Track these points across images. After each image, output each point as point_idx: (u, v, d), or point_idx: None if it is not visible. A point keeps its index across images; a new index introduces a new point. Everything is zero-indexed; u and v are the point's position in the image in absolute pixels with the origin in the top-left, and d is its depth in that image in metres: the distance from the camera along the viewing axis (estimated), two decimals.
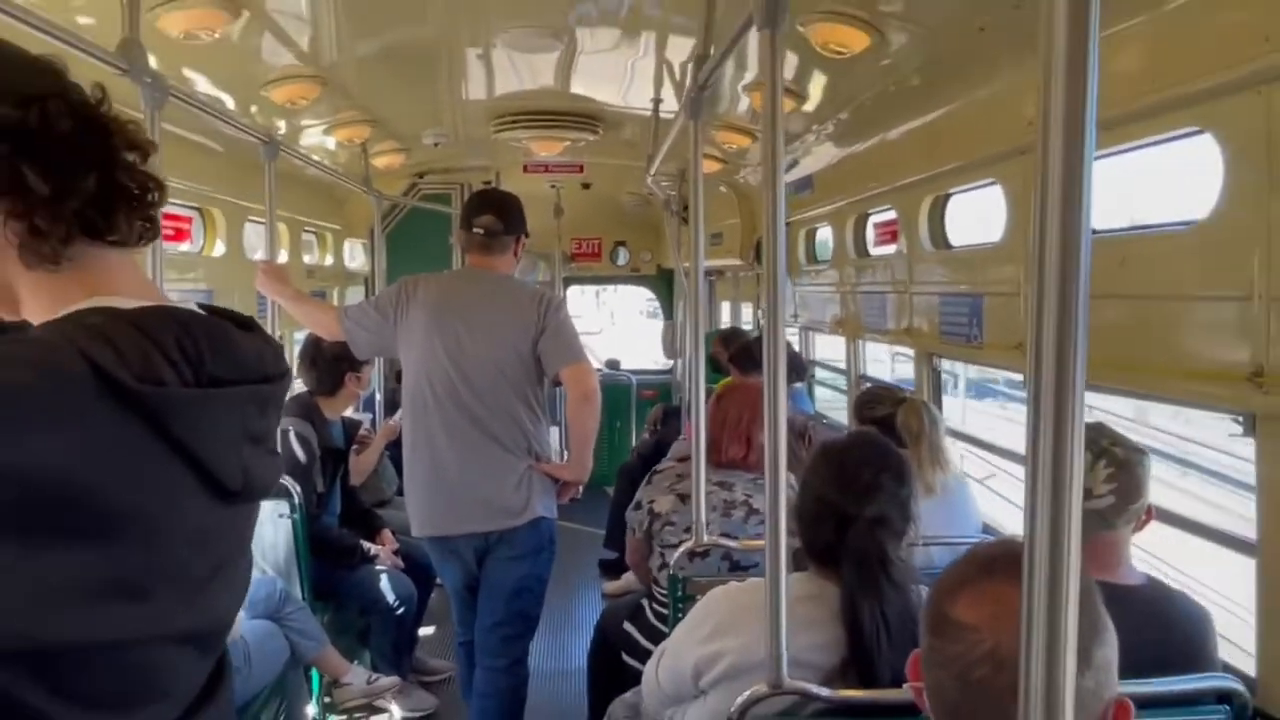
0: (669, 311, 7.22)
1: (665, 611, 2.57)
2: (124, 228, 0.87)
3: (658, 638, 2.39)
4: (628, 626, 2.79)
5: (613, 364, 7.50)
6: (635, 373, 7.12)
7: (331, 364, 3.62)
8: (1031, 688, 0.64)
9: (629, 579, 3.72)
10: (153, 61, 2.16)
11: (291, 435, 3.42)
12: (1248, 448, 1.71)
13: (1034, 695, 0.64)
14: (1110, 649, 0.88)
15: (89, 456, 0.72)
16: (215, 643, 0.93)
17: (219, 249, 3.97)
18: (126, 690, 0.81)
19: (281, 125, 3.58)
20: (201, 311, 0.87)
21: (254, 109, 3.34)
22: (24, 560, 0.70)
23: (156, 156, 2.22)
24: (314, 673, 3.38)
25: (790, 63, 2.86)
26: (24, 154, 0.80)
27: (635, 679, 2.08)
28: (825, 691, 1.50)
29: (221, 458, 0.82)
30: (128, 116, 0.91)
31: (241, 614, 2.88)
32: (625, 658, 2.71)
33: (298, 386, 3.80)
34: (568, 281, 6.83)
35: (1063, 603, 0.63)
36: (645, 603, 2.79)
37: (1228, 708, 1.53)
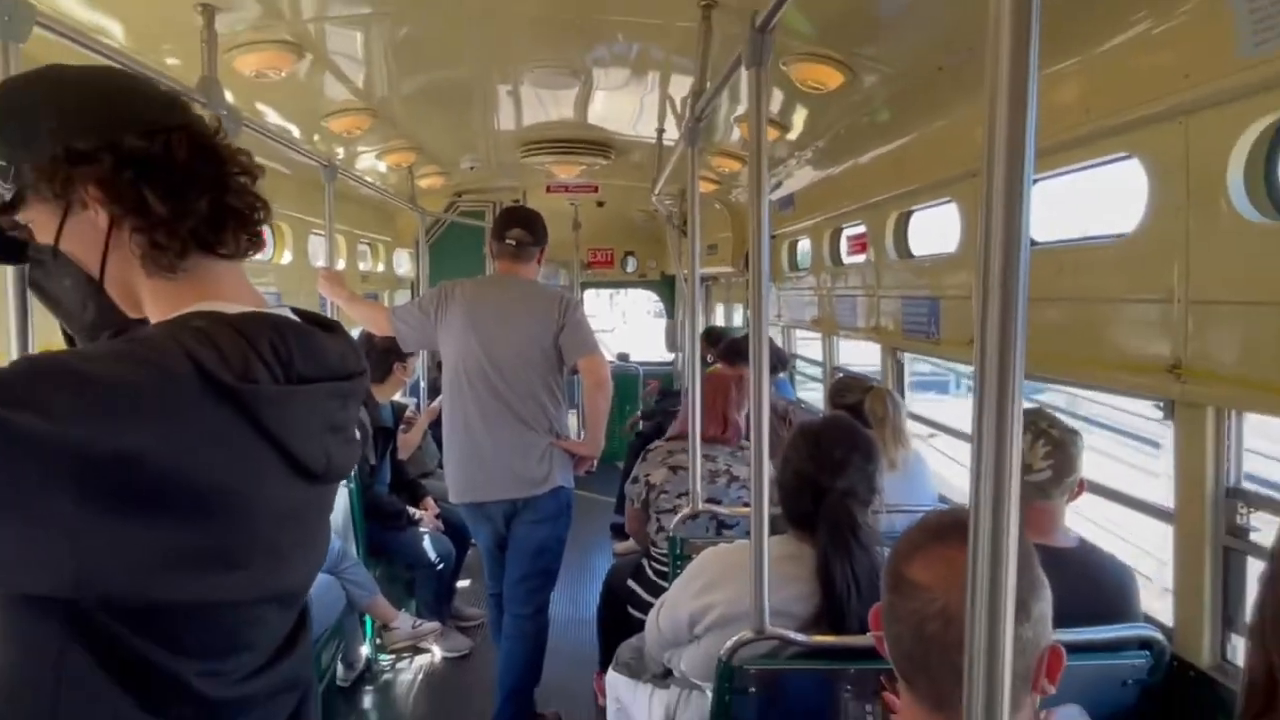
0: (671, 311, 7.21)
1: (663, 569, 2.58)
2: (232, 242, 0.87)
3: (656, 592, 2.39)
4: (631, 583, 2.79)
5: (623, 356, 7.50)
6: (642, 364, 7.11)
7: (382, 356, 3.62)
8: (976, 637, 0.64)
9: (634, 543, 3.73)
10: (229, 96, 2.17)
11: None
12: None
13: (978, 644, 0.64)
14: (1046, 603, 0.88)
15: (190, 445, 0.71)
16: (297, 601, 0.94)
17: (286, 257, 3.99)
18: (221, 642, 0.81)
19: (340, 152, 3.59)
20: (294, 317, 0.87)
21: (316, 138, 3.34)
22: (134, 532, 0.70)
23: None
24: (367, 619, 3.41)
25: (775, 98, 2.85)
26: (146, 179, 0.80)
27: (639, 626, 2.09)
28: (801, 637, 1.51)
29: (306, 446, 0.81)
30: (238, 148, 0.90)
31: None
32: (630, 609, 2.72)
33: None
34: (584, 286, 6.82)
35: (1003, 563, 0.63)
36: (645, 562, 2.80)
37: (1149, 653, 1.53)
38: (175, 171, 0.81)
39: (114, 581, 0.72)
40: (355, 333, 3.83)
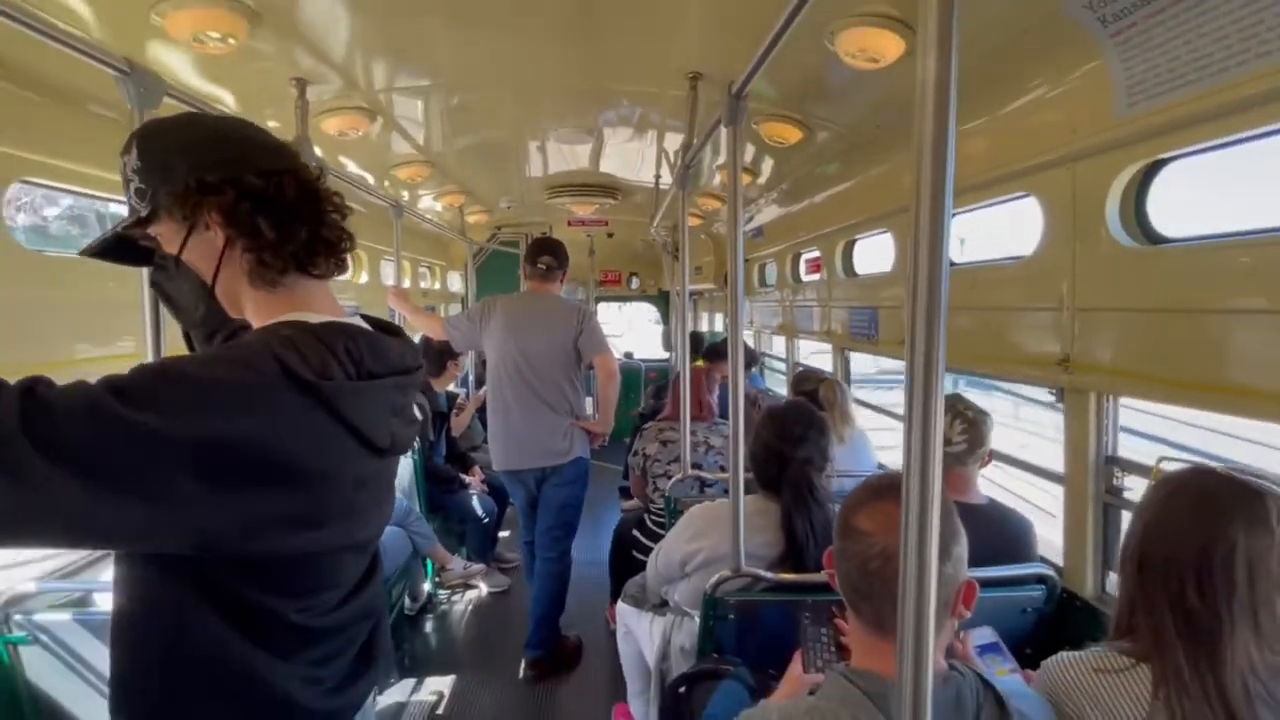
0: (666, 319, 7.20)
1: (660, 520, 2.58)
2: (323, 265, 0.87)
3: (655, 539, 2.39)
4: (635, 532, 2.79)
5: (629, 354, 7.49)
6: (644, 360, 7.10)
7: (438, 355, 3.62)
8: (907, 572, 0.64)
9: (637, 502, 3.73)
10: (318, 151, 2.16)
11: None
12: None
13: (909, 577, 0.64)
14: (963, 547, 0.88)
15: (280, 430, 0.72)
16: (370, 548, 0.95)
17: (364, 278, 3.98)
18: (312, 583, 0.83)
19: (405, 194, 3.58)
20: (365, 325, 0.88)
21: (386, 183, 3.33)
22: (241, 501, 0.71)
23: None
24: (428, 562, 3.40)
25: (747, 150, 2.83)
26: (261, 210, 0.81)
27: (642, 566, 2.08)
28: (770, 575, 1.51)
29: (375, 428, 0.82)
30: (335, 188, 0.91)
31: None
32: (634, 553, 2.72)
33: None
34: (598, 299, 6.81)
35: (929, 515, 0.63)
36: (645, 516, 2.80)
37: (1044, 587, 1.52)
38: (284, 206, 0.82)
39: (227, 540, 0.73)
40: (417, 337, 3.83)
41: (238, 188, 0.81)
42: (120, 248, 0.90)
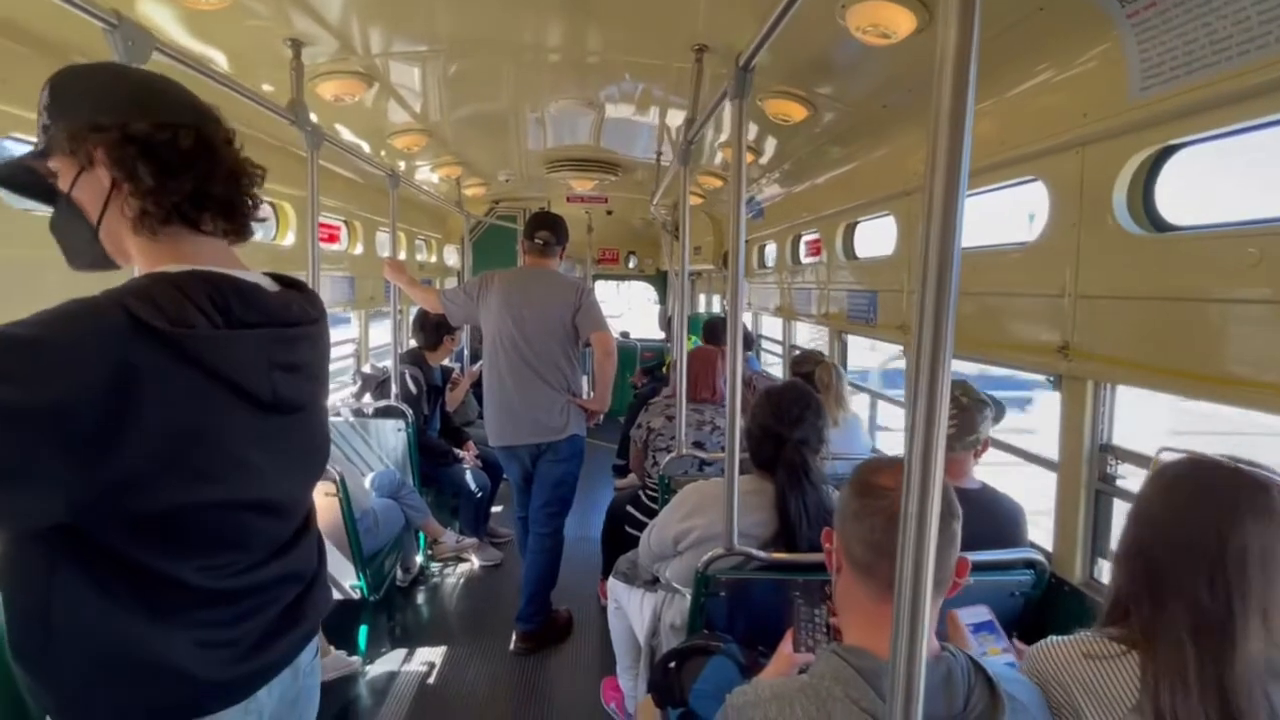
0: (663, 299, 7.17)
1: (655, 496, 2.59)
2: (211, 223, 0.86)
3: (649, 515, 2.40)
4: (629, 508, 2.80)
5: (624, 334, 7.47)
6: (640, 340, 7.09)
7: (434, 329, 3.60)
8: (905, 554, 0.64)
9: (631, 479, 3.73)
10: (313, 117, 2.11)
11: (406, 376, 3.41)
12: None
13: (907, 560, 0.64)
14: (959, 523, 0.87)
15: (133, 382, 0.70)
16: (284, 511, 0.92)
17: (358, 249, 3.92)
18: (208, 542, 0.82)
19: (401, 164, 3.52)
20: (240, 275, 0.85)
21: (382, 152, 3.27)
22: (102, 464, 0.69)
23: (314, 181, 2.17)
24: (421, 535, 3.41)
25: (750, 129, 2.79)
26: (145, 156, 0.80)
27: (634, 543, 2.09)
28: (762, 554, 1.51)
29: (251, 380, 0.81)
30: (248, 159, 0.91)
31: (373, 494, 2.90)
32: (627, 529, 2.73)
33: (412, 343, 3.79)
34: (595, 278, 6.77)
35: (929, 502, 0.63)
36: (640, 493, 2.81)
37: (1033, 571, 1.53)
38: (171, 155, 0.81)
39: (104, 504, 0.71)
40: (414, 310, 3.81)
41: (123, 130, 0.80)
42: (31, 187, 0.88)
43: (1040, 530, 1.77)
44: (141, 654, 0.78)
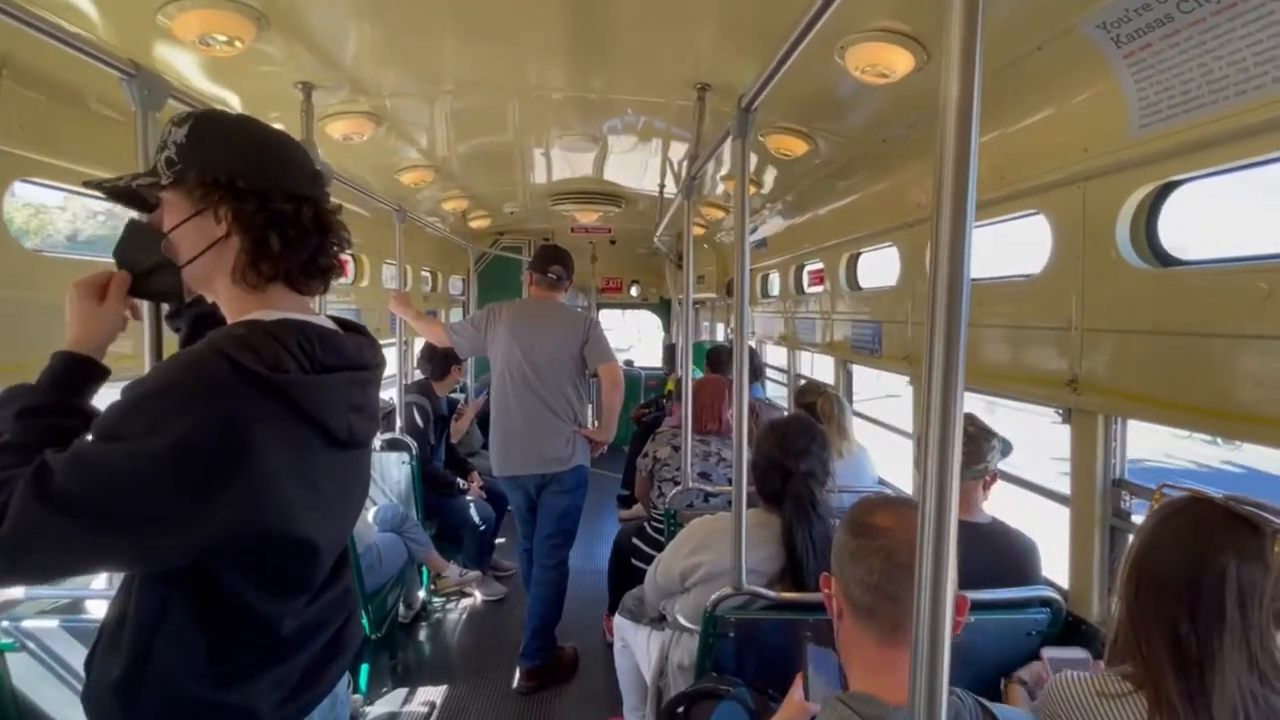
0: (666, 328, 7.20)
1: (660, 528, 2.55)
2: (308, 286, 0.93)
3: (655, 548, 2.37)
4: (635, 541, 2.76)
5: (629, 363, 7.48)
6: (643, 368, 7.09)
7: (442, 360, 3.61)
8: (922, 593, 0.63)
9: (637, 509, 3.70)
10: (322, 154, 2.15)
11: (414, 407, 3.40)
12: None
13: (924, 599, 0.63)
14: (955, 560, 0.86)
15: (237, 424, 0.75)
16: (341, 544, 0.99)
17: (365, 281, 3.96)
18: (294, 578, 0.87)
19: (408, 199, 3.57)
20: (319, 322, 0.91)
21: (390, 188, 3.33)
22: (218, 501, 0.75)
23: None
24: (424, 569, 3.37)
25: (752, 161, 2.83)
26: (273, 226, 0.87)
27: (641, 576, 2.06)
28: (771, 594, 1.48)
29: (334, 420, 0.86)
30: (341, 221, 0.96)
31: (375, 528, 2.87)
32: (634, 562, 2.69)
33: (418, 374, 3.80)
34: (599, 306, 6.80)
35: (945, 538, 0.62)
36: (646, 525, 2.77)
37: (1048, 609, 1.50)
38: (297, 230, 0.88)
39: (215, 541, 0.76)
40: (420, 343, 3.82)
41: (260, 202, 0.86)
42: (122, 195, 0.95)
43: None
44: (222, 696, 0.82)
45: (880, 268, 3.03)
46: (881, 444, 2.93)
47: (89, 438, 0.76)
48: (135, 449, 0.72)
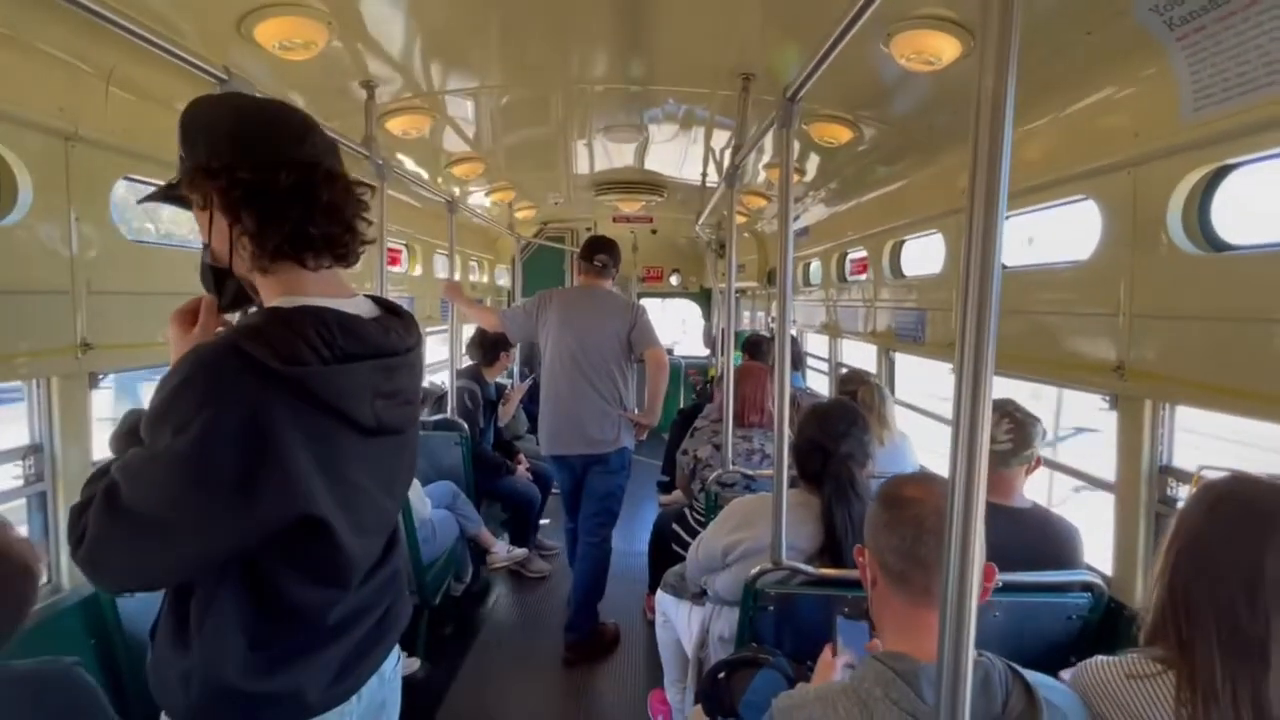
0: (706, 317, 7.21)
1: (701, 516, 2.61)
2: (314, 260, 0.88)
3: (694, 533, 2.43)
4: (675, 526, 2.83)
5: (669, 350, 7.52)
6: (684, 357, 7.14)
7: (492, 346, 3.75)
8: (950, 568, 0.67)
9: (676, 495, 3.76)
10: (381, 149, 2.27)
11: (464, 392, 3.55)
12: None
13: (952, 573, 0.67)
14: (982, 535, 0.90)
15: (257, 417, 0.75)
16: (386, 529, 0.99)
17: (418, 270, 4.12)
18: (331, 567, 0.87)
19: (457, 190, 3.70)
20: (341, 307, 0.87)
21: (440, 180, 3.45)
22: (253, 491, 0.76)
23: (384, 210, 2.29)
24: (473, 545, 3.51)
25: (795, 149, 2.83)
26: (247, 201, 0.83)
27: (680, 559, 2.13)
28: (810, 569, 1.53)
29: (357, 409, 0.84)
30: (351, 185, 0.91)
31: (430, 505, 3.03)
32: (674, 547, 2.76)
33: (467, 360, 3.95)
34: (640, 295, 6.86)
35: (973, 519, 0.66)
36: (687, 511, 2.84)
37: (1090, 594, 1.50)
38: (268, 201, 0.83)
39: (248, 535, 0.78)
40: (470, 329, 3.96)
41: (229, 176, 0.81)
42: (173, 200, 0.93)
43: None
44: (266, 684, 0.84)
45: (923, 255, 3.00)
46: (923, 433, 2.92)
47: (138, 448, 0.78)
48: (168, 455, 0.74)
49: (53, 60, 1.50)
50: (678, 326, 8.19)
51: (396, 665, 1.07)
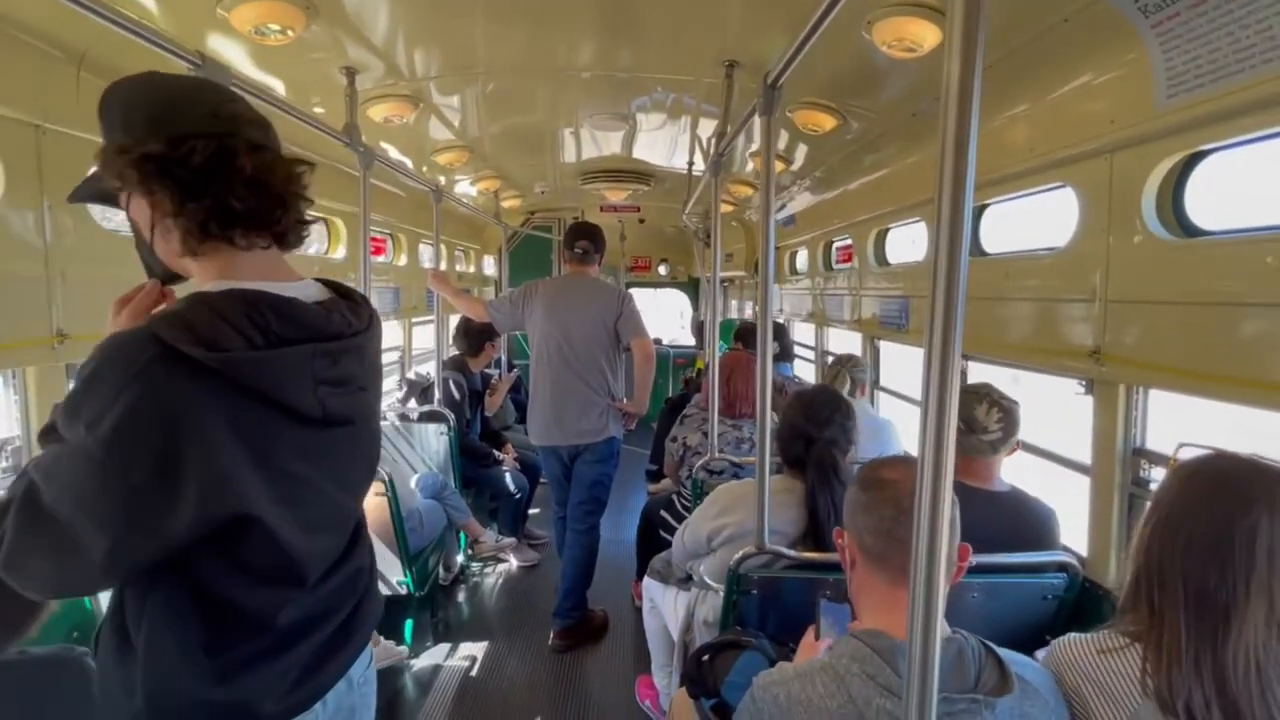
0: (695, 306, 7.22)
1: (688, 503, 2.63)
2: (243, 239, 0.82)
3: (681, 520, 2.44)
4: (663, 513, 2.84)
5: (657, 340, 7.52)
6: (671, 346, 7.15)
7: (477, 336, 3.73)
8: (919, 547, 0.68)
9: (665, 484, 3.78)
10: (364, 137, 2.24)
11: (450, 382, 3.54)
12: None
13: (920, 551, 0.68)
14: (957, 509, 0.90)
15: (179, 412, 0.69)
16: (344, 526, 0.93)
17: (403, 260, 4.09)
18: (276, 568, 0.82)
19: (443, 179, 3.67)
20: (277, 290, 0.81)
21: (425, 168, 3.42)
22: (169, 488, 0.70)
23: (367, 198, 2.25)
24: (462, 535, 3.52)
25: (781, 137, 2.84)
26: (162, 176, 0.77)
27: (667, 547, 2.14)
28: (792, 553, 1.54)
29: (296, 397, 0.78)
30: (283, 161, 0.85)
31: (418, 495, 3.03)
32: (661, 533, 2.77)
33: (453, 350, 3.94)
34: (628, 285, 6.86)
35: (941, 500, 0.67)
36: (675, 498, 2.85)
37: (1065, 574, 1.53)
38: (185, 175, 0.77)
39: (189, 529, 0.73)
40: (455, 319, 3.94)
41: (141, 152, 0.76)
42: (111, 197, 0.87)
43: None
44: (215, 693, 0.78)
45: (908, 243, 3.02)
46: (912, 421, 2.95)
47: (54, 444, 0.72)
48: (82, 453, 0.69)
49: (22, 44, 1.47)
50: (675, 319, 8.16)
51: (368, 668, 1.01)
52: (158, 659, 0.77)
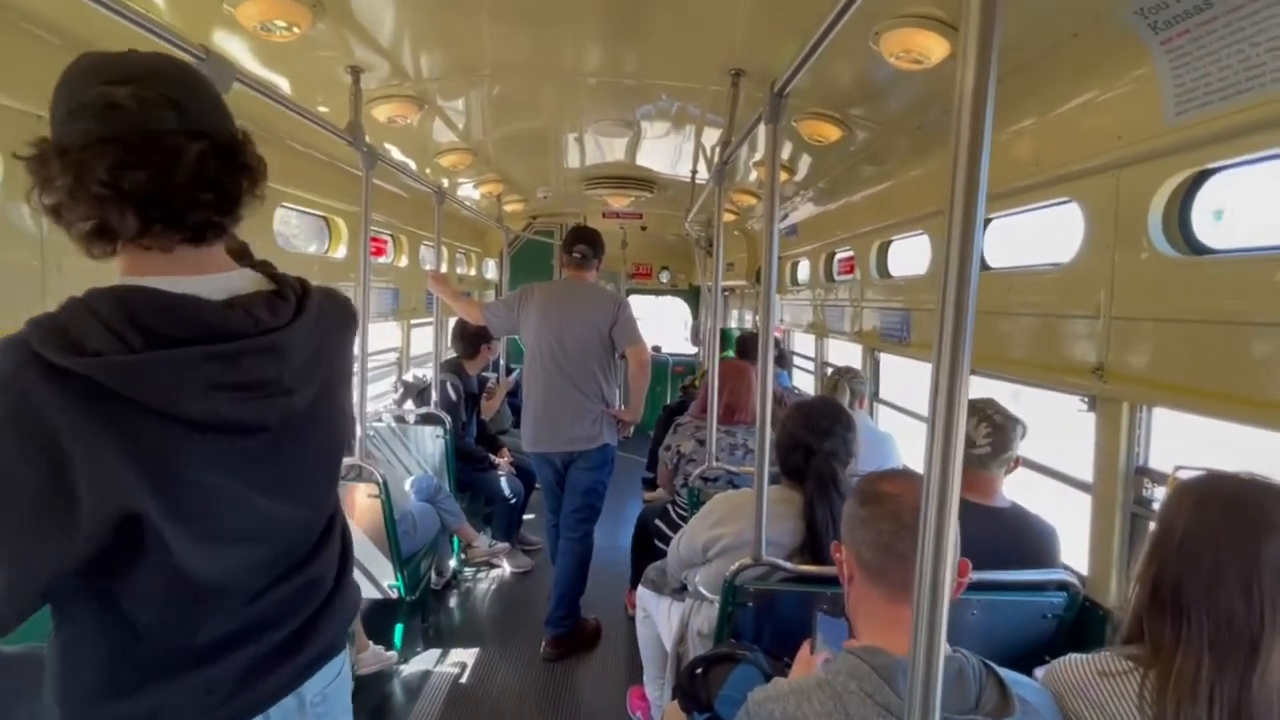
0: (696, 315, 7.22)
1: (684, 512, 2.61)
2: (150, 237, 0.74)
3: (676, 529, 2.42)
4: (657, 522, 2.82)
5: (655, 348, 7.52)
6: (670, 354, 7.14)
7: (473, 339, 3.72)
8: (924, 564, 0.67)
9: (660, 493, 3.76)
10: (368, 137, 2.24)
11: (447, 384, 3.53)
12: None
13: (925, 569, 0.67)
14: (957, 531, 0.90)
15: (38, 416, 0.64)
16: (288, 535, 0.86)
17: (404, 262, 4.08)
18: (180, 580, 0.75)
19: (445, 181, 3.66)
20: (172, 288, 0.73)
21: (428, 170, 3.41)
22: (68, 510, 0.66)
23: (368, 198, 2.23)
24: (455, 539, 3.50)
25: (785, 147, 2.83)
26: (54, 162, 0.71)
27: (661, 556, 2.12)
28: (789, 565, 1.53)
29: (182, 403, 0.70)
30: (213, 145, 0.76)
31: (412, 497, 3.00)
32: (656, 542, 2.75)
33: (450, 353, 3.92)
34: (629, 292, 6.85)
35: (947, 516, 0.66)
36: (670, 507, 2.83)
37: (1066, 593, 1.51)
38: (72, 157, 0.70)
39: (72, 552, 0.67)
40: (452, 321, 3.93)
41: (40, 141, 0.72)
42: None
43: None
44: (130, 709, 0.75)
45: (910, 256, 3.02)
46: (913, 435, 2.94)
47: None
48: None
49: (25, 34, 1.46)
50: (679, 329, 8.13)
51: (331, 684, 0.92)
52: (72, 677, 0.74)
